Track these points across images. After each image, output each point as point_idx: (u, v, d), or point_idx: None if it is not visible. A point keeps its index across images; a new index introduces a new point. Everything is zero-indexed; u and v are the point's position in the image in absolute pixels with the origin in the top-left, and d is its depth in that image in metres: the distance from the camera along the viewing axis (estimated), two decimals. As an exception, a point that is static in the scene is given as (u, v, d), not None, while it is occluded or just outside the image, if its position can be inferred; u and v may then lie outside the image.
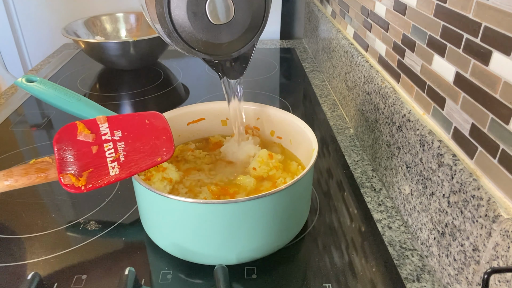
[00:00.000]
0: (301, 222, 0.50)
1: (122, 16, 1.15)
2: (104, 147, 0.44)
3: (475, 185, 0.39)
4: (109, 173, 0.43)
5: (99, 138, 0.45)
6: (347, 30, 0.86)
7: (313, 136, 0.51)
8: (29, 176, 0.45)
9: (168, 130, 0.47)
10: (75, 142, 0.44)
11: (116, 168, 0.43)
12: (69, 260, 0.47)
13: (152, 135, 0.46)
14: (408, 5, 0.55)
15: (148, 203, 0.46)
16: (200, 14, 0.43)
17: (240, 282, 0.44)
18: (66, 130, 0.45)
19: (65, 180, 0.42)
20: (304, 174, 0.44)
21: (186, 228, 0.43)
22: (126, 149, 0.45)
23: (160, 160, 0.44)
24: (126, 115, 0.47)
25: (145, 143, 0.45)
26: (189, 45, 0.44)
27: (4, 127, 0.78)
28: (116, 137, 0.45)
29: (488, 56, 0.39)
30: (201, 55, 0.46)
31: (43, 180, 0.45)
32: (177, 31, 0.43)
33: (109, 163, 0.44)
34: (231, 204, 0.41)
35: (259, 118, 0.60)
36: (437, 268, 0.45)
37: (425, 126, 0.49)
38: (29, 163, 0.46)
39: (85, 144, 0.44)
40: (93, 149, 0.44)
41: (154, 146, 0.45)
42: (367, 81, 0.67)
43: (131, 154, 0.44)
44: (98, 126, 0.46)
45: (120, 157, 0.44)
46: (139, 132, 0.46)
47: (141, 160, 0.44)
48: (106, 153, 0.44)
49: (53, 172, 0.45)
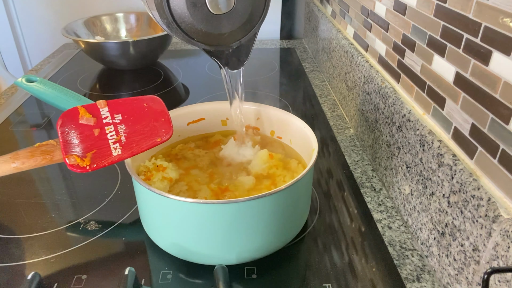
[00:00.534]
0: (301, 222, 0.50)
1: (122, 16, 1.15)
2: (105, 130, 0.46)
3: (475, 185, 0.39)
4: (111, 154, 0.45)
5: (100, 121, 0.46)
6: (347, 30, 0.86)
7: (313, 136, 0.51)
8: (35, 158, 0.46)
9: (166, 112, 0.48)
10: (78, 125, 0.46)
11: (118, 149, 0.45)
12: (69, 260, 0.47)
13: (151, 117, 0.47)
14: (408, 5, 0.55)
15: (148, 203, 0.46)
16: (200, 4, 0.42)
17: (240, 282, 0.44)
18: (68, 115, 0.46)
19: (70, 160, 0.43)
20: (304, 174, 0.44)
21: (186, 228, 0.43)
22: (126, 131, 0.46)
23: (160, 140, 0.46)
24: (125, 99, 0.48)
25: (144, 125, 0.47)
26: (188, 35, 0.44)
27: (4, 127, 0.78)
28: (116, 120, 0.47)
29: (488, 56, 0.39)
30: (201, 46, 0.45)
31: (48, 162, 0.46)
32: (176, 22, 0.42)
33: (111, 144, 0.45)
34: (231, 204, 0.41)
35: (259, 118, 0.60)
36: (437, 268, 0.45)
37: (425, 126, 0.49)
38: (34, 146, 0.47)
39: (87, 127, 0.46)
40: (95, 132, 0.46)
41: (154, 127, 0.47)
42: (367, 81, 0.67)
43: (132, 136, 0.46)
44: (98, 110, 0.47)
45: (122, 138, 0.46)
46: (139, 115, 0.47)
47: (142, 141, 0.46)
48: (108, 135, 0.46)
49: (58, 154, 0.46)
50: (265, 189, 0.50)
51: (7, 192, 0.59)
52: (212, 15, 0.43)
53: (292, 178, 0.50)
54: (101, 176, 0.62)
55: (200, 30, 0.43)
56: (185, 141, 0.60)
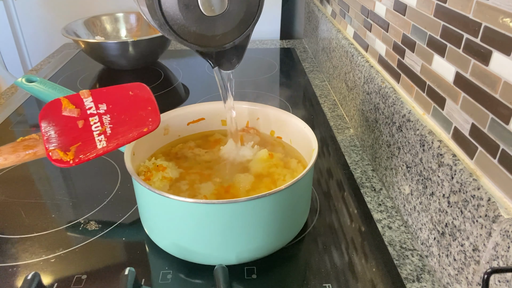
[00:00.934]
0: (301, 222, 0.50)
1: (122, 16, 1.15)
2: (90, 121, 0.44)
3: (475, 185, 0.39)
4: (96, 146, 0.43)
5: (84, 112, 0.45)
6: (347, 30, 0.86)
7: (313, 136, 0.51)
8: (17, 154, 0.44)
9: (153, 100, 0.46)
10: (61, 118, 0.44)
11: (104, 141, 0.43)
12: (69, 260, 0.47)
13: (137, 106, 0.46)
14: (408, 5, 0.55)
15: (148, 203, 0.46)
16: (193, 6, 0.41)
17: (240, 282, 0.44)
18: (50, 107, 0.44)
19: (53, 155, 0.42)
20: (304, 174, 0.44)
21: (186, 228, 0.43)
22: (112, 121, 0.45)
23: (147, 130, 0.44)
24: (109, 88, 0.47)
25: (130, 115, 0.45)
26: (181, 37, 0.43)
27: (4, 127, 0.78)
28: (101, 110, 0.45)
29: (488, 56, 0.39)
30: (194, 47, 0.44)
31: (32, 157, 0.45)
32: (168, 24, 0.41)
33: (96, 136, 0.44)
34: (231, 204, 0.41)
35: (259, 118, 0.60)
36: (437, 268, 0.45)
37: (425, 126, 0.49)
38: (16, 141, 0.45)
39: (71, 119, 0.44)
40: (79, 124, 0.44)
41: (140, 117, 0.45)
42: (367, 81, 0.67)
43: (117, 126, 0.44)
44: (82, 101, 0.45)
45: (107, 130, 0.44)
46: (124, 104, 0.46)
47: (128, 131, 0.44)
48: (92, 127, 0.44)
49: (41, 148, 0.45)
50: (265, 188, 0.50)
51: (7, 192, 0.59)
52: (205, 17, 0.42)
53: (292, 177, 0.50)
54: (101, 176, 0.62)
55: (193, 31, 0.43)
56: (185, 139, 0.60)
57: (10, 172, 0.63)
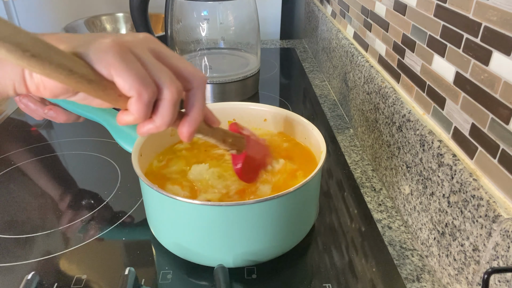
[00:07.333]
0: (308, 226, 0.50)
1: (122, 16, 1.15)
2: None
3: (475, 185, 0.39)
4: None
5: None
6: (347, 30, 0.86)
7: (321, 138, 0.50)
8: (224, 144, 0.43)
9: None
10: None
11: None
12: (69, 260, 0.47)
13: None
14: (408, 5, 0.55)
15: (155, 204, 0.45)
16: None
17: (240, 282, 0.44)
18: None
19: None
20: (313, 176, 0.43)
21: (192, 229, 0.43)
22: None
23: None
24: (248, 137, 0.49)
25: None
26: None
27: (4, 127, 0.78)
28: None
29: (488, 56, 0.39)
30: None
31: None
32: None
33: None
34: (238, 206, 0.41)
35: (266, 119, 0.60)
36: (437, 268, 0.45)
37: (425, 126, 0.49)
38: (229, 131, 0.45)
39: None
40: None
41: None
42: (367, 81, 0.67)
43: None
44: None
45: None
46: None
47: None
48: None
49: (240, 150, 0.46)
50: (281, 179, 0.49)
51: (8, 191, 0.59)
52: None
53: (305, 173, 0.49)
54: (101, 176, 0.62)
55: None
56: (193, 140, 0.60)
57: (10, 172, 0.63)
